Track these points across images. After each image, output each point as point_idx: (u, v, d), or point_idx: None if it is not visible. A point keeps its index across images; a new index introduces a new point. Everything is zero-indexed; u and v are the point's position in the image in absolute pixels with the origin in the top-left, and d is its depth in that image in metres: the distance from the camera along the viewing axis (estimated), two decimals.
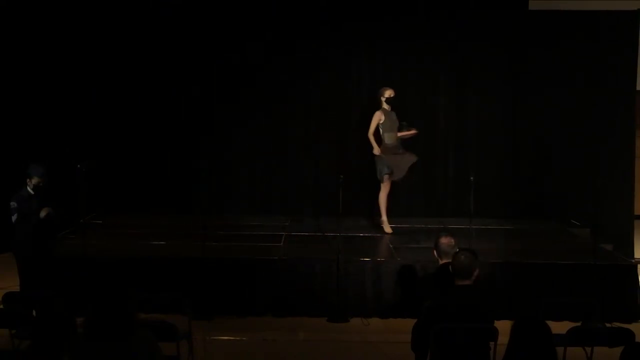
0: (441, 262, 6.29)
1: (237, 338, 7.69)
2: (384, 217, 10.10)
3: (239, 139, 11.71)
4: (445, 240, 6.34)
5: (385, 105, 10.07)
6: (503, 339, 4.60)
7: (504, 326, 5.04)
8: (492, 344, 5.42)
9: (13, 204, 8.23)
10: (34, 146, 11.12)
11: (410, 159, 10.02)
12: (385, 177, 9.98)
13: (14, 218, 8.25)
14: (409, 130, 10.21)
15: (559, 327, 5.59)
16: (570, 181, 11.43)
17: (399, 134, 10.08)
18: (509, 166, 11.71)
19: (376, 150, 9.95)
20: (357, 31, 11.59)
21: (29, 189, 8.30)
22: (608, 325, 7.29)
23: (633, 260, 9.74)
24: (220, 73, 11.59)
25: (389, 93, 10.07)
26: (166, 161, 11.64)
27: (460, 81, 11.70)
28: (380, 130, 10.03)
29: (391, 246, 9.34)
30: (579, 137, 11.48)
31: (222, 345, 7.47)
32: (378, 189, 10.24)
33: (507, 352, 4.28)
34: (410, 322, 6.09)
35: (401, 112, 11.66)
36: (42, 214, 8.26)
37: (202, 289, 8.14)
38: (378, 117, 10.03)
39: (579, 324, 6.42)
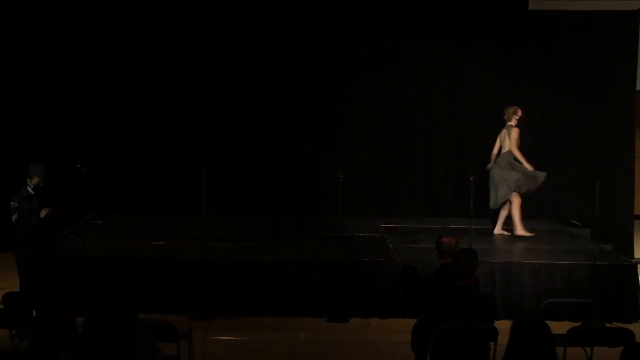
0: (441, 262, 6.30)
1: (237, 338, 7.69)
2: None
3: (238, 138, 11.71)
4: (446, 240, 6.35)
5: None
6: (503, 339, 4.59)
7: (504, 326, 5.03)
8: (492, 344, 5.42)
9: (13, 204, 8.22)
10: (34, 146, 11.12)
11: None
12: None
13: (14, 218, 8.25)
14: None
15: (559, 327, 5.59)
16: (570, 181, 11.43)
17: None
18: None
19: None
20: (356, 31, 11.59)
21: (29, 189, 8.29)
22: (608, 325, 7.29)
23: (633, 260, 9.74)
24: (221, 73, 11.59)
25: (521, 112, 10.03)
26: (166, 161, 11.64)
27: (460, 81, 11.72)
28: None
29: (391, 246, 9.33)
30: (579, 137, 11.49)
31: (222, 345, 7.46)
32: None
33: (507, 352, 4.27)
34: (410, 322, 6.10)
35: (402, 112, 11.72)
36: (42, 214, 8.25)
37: (202, 289, 8.14)
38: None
39: (579, 324, 6.41)
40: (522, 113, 10.04)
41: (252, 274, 8.50)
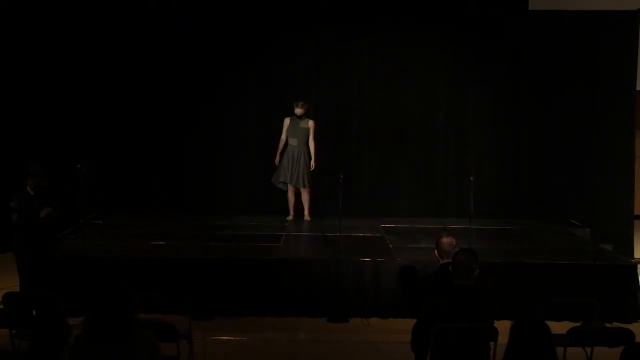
0: (442, 262, 6.30)
1: (237, 338, 7.69)
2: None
3: (238, 139, 11.72)
4: (446, 240, 6.34)
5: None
6: (503, 339, 4.59)
7: (504, 326, 5.03)
8: (492, 344, 5.42)
9: (13, 204, 8.22)
10: (34, 146, 11.12)
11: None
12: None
13: (14, 218, 8.25)
14: None
15: (559, 327, 5.59)
16: (570, 181, 11.44)
17: None
18: (509, 166, 11.73)
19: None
20: (357, 31, 11.63)
21: (29, 189, 8.29)
22: (608, 325, 7.29)
23: (633, 260, 9.74)
24: (220, 73, 11.59)
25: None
26: (166, 161, 11.65)
27: (460, 81, 11.73)
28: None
29: (391, 246, 9.33)
30: (579, 137, 11.50)
31: (222, 345, 7.46)
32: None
33: (506, 352, 4.28)
34: (410, 322, 6.09)
35: (401, 113, 11.75)
36: (42, 214, 8.25)
37: (202, 289, 8.13)
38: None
39: (579, 324, 6.42)
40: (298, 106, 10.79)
41: (252, 274, 8.50)
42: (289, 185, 10.89)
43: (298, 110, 10.78)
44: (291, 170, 10.78)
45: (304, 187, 10.88)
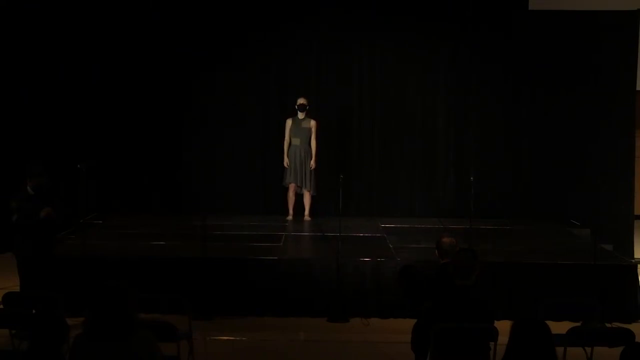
0: (442, 262, 6.29)
1: (237, 338, 7.69)
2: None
3: (238, 139, 11.72)
4: (447, 240, 6.33)
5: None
6: (503, 339, 4.59)
7: (504, 326, 5.03)
8: (492, 344, 5.42)
9: (13, 204, 8.20)
10: (34, 146, 11.12)
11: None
12: None
13: (14, 218, 8.23)
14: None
15: (559, 327, 5.58)
16: (569, 181, 11.44)
17: None
18: (509, 166, 11.73)
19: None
20: (357, 31, 11.63)
21: (28, 189, 8.28)
22: (608, 325, 7.30)
23: (633, 260, 9.75)
24: (218, 73, 11.59)
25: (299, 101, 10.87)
26: (166, 161, 11.65)
27: (460, 81, 11.72)
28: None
29: (391, 246, 9.33)
30: (579, 137, 11.49)
31: (222, 345, 7.47)
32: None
33: (506, 352, 4.27)
34: (410, 322, 6.09)
35: (401, 113, 11.74)
36: (42, 214, 8.24)
37: (202, 289, 8.14)
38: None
39: (579, 324, 6.42)
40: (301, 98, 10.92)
41: (252, 274, 8.50)
42: (290, 184, 10.87)
43: (301, 100, 10.80)
44: (298, 171, 10.79)
45: (308, 189, 10.87)
